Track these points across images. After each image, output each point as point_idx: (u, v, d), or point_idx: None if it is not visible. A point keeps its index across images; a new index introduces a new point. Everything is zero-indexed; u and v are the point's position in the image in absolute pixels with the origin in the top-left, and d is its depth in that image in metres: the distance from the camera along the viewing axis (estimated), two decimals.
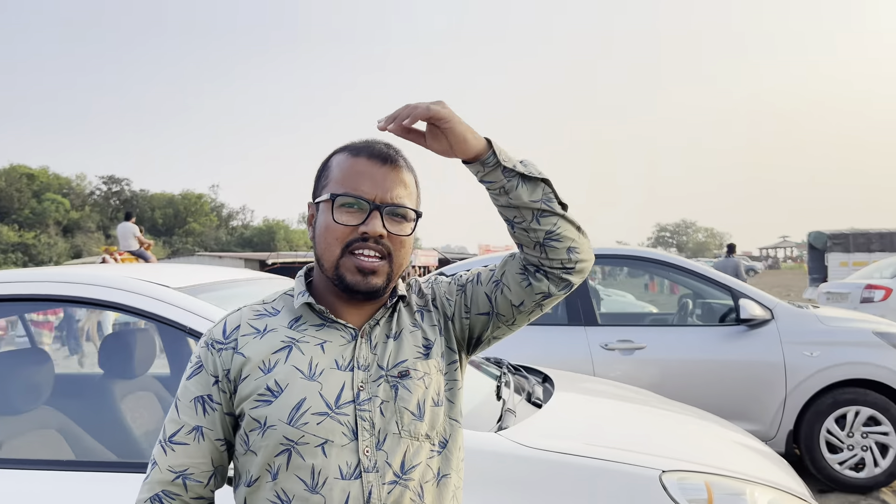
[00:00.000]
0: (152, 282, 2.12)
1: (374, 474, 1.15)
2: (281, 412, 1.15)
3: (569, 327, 4.70)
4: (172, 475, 1.20)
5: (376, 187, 1.21)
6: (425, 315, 1.31)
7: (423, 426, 1.21)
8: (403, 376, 1.22)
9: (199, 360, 1.24)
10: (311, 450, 1.14)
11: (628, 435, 2.14)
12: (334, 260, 1.21)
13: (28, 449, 2.25)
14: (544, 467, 1.83)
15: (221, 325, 1.26)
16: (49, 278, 2.14)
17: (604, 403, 2.63)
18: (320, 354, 1.20)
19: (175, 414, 1.23)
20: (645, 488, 1.80)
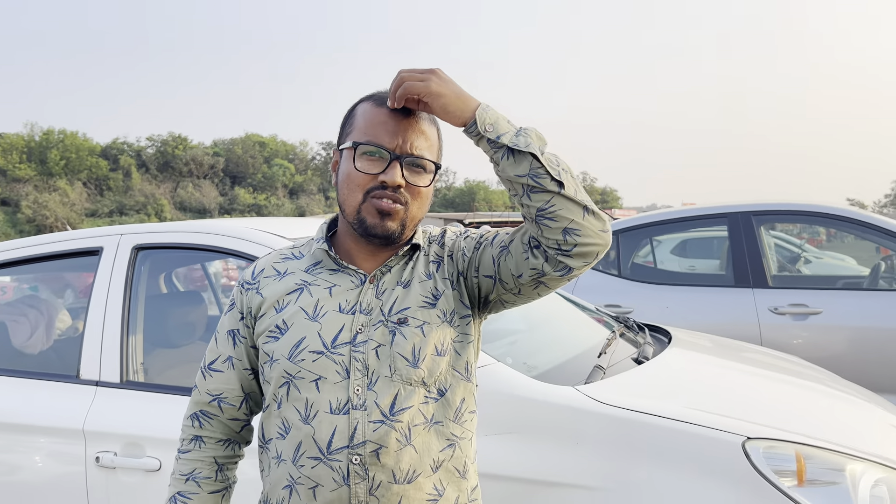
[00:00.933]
0: (270, 232, 2.31)
1: (362, 412, 1.20)
2: (284, 348, 1.24)
3: (734, 289, 4.36)
4: (209, 398, 1.36)
5: (397, 137, 1.24)
6: (440, 266, 1.32)
7: (419, 373, 1.23)
8: (401, 323, 1.25)
9: (232, 299, 1.37)
10: (306, 384, 1.22)
11: (731, 400, 1.97)
12: (356, 205, 1.25)
13: (184, 378, 2.58)
14: (615, 424, 1.76)
15: (253, 268, 1.37)
16: (185, 229, 2.42)
17: (721, 367, 2.44)
18: (327, 297, 1.27)
19: (214, 344, 1.38)
20: (724, 455, 1.67)
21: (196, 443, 1.36)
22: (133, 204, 66.23)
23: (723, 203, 4.79)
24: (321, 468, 1.20)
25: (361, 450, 1.19)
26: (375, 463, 1.19)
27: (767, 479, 1.64)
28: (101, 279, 2.42)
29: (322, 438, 1.20)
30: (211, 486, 1.35)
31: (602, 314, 3.00)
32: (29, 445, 2.31)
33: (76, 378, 2.33)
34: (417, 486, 1.22)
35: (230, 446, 1.39)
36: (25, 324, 2.99)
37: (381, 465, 1.19)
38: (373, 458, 1.19)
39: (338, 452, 1.19)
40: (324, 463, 1.20)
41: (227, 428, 1.38)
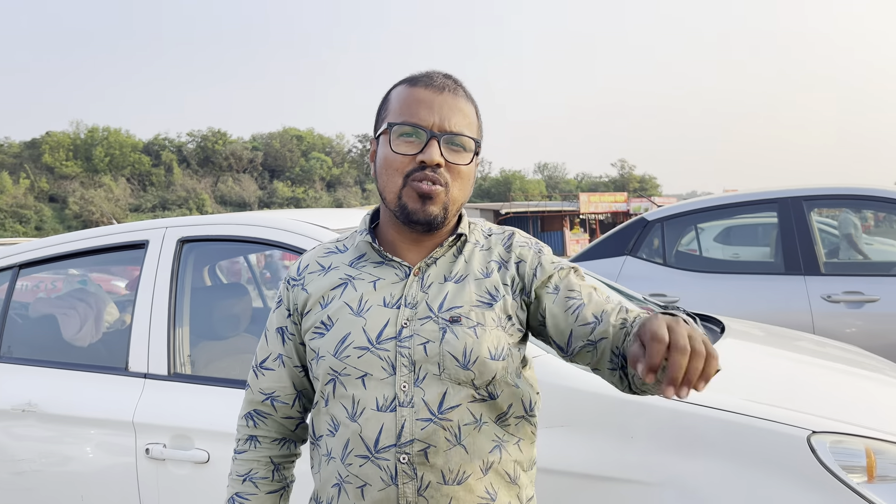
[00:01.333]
0: (313, 223, 2.30)
1: (409, 409, 1.15)
2: (329, 345, 1.21)
3: (785, 276, 4.22)
4: (262, 396, 1.33)
5: (433, 115, 1.19)
6: (504, 270, 1.26)
7: (468, 374, 1.17)
8: (454, 321, 1.19)
9: (280, 296, 1.34)
10: (352, 381, 1.18)
11: (792, 392, 1.89)
12: (396, 191, 1.21)
13: (229, 370, 2.59)
14: (671, 418, 1.70)
15: (297, 264, 1.34)
16: (229, 221, 2.42)
17: (777, 357, 2.35)
18: (371, 291, 1.23)
19: (265, 342, 1.35)
20: (788, 450, 1.59)
21: (251, 443, 1.34)
22: (175, 199, 67.50)
23: (770, 188, 4.65)
24: (369, 467, 1.16)
25: (409, 448, 1.15)
26: (424, 462, 1.15)
27: (835, 475, 1.56)
28: (148, 272, 2.44)
29: (369, 436, 1.16)
30: (268, 487, 1.33)
31: (650, 303, 2.92)
32: (81, 437, 2.34)
33: (125, 370, 2.35)
34: (468, 487, 1.17)
35: (286, 445, 1.36)
36: (75, 317, 3.03)
37: (430, 464, 1.15)
38: (421, 457, 1.15)
39: (385, 451, 1.15)
40: (371, 461, 1.16)
41: (282, 426, 1.35)
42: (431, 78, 1.24)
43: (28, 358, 2.69)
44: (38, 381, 2.50)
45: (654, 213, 4.92)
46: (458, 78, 1.29)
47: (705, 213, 4.82)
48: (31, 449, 2.41)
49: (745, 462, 1.63)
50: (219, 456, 2.09)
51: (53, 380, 2.49)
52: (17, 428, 2.45)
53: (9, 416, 2.46)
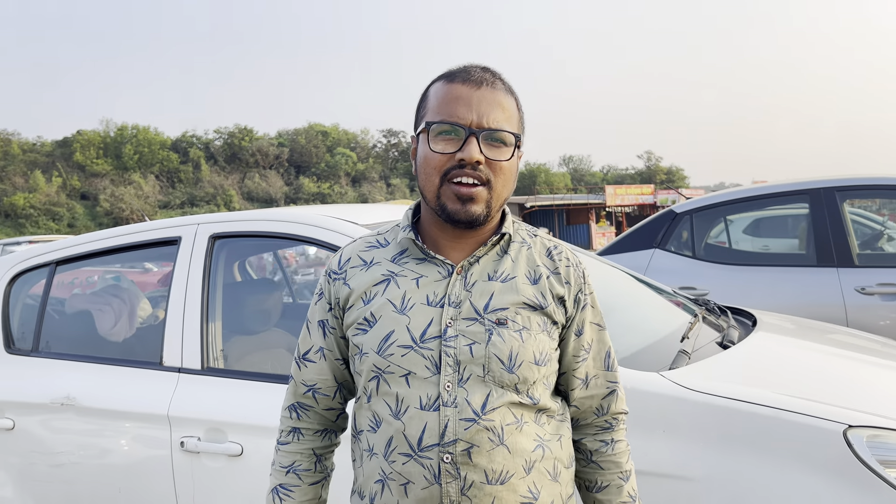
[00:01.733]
0: (343, 219, 2.31)
1: (452, 409, 1.15)
2: (373, 342, 1.21)
3: (817, 269, 4.16)
4: (305, 388, 1.34)
5: (472, 112, 1.18)
6: (552, 279, 1.27)
7: (512, 378, 1.18)
8: (500, 324, 1.19)
9: (321, 288, 1.34)
10: (395, 379, 1.18)
11: (826, 385, 1.86)
12: (435, 190, 1.20)
13: (261, 364, 2.62)
14: (704, 412, 1.69)
15: (338, 256, 1.33)
16: (260, 217, 2.45)
17: (812, 350, 2.32)
18: (414, 289, 1.22)
19: (306, 334, 1.36)
20: (824, 444, 1.57)
21: (294, 434, 1.35)
22: (203, 195, 68.27)
23: (801, 179, 4.57)
24: (412, 465, 1.16)
25: (453, 448, 1.15)
26: (467, 462, 1.15)
27: (872, 469, 1.54)
28: (181, 268, 2.47)
29: (412, 435, 1.16)
30: (311, 478, 1.35)
31: (679, 297, 2.90)
32: (118, 430, 2.39)
33: (160, 365, 2.40)
34: (511, 487, 1.17)
35: (327, 436, 1.38)
36: (110, 312, 3.09)
37: (474, 464, 1.15)
38: (464, 457, 1.15)
39: (429, 450, 1.16)
40: (415, 460, 1.16)
41: (324, 418, 1.36)
42: (469, 73, 1.22)
43: (66, 353, 2.75)
44: (76, 376, 2.55)
45: (683, 206, 4.87)
46: (497, 70, 1.27)
47: (735, 204, 4.76)
48: (70, 442, 2.47)
49: (781, 457, 1.62)
50: (252, 449, 2.12)
51: (90, 374, 2.54)
52: (56, 421, 2.50)
53: (48, 410, 2.51)
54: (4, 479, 2.61)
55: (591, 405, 1.31)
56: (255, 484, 2.11)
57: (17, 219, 57.02)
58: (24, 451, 2.56)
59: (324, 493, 1.39)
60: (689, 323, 2.34)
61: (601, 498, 1.30)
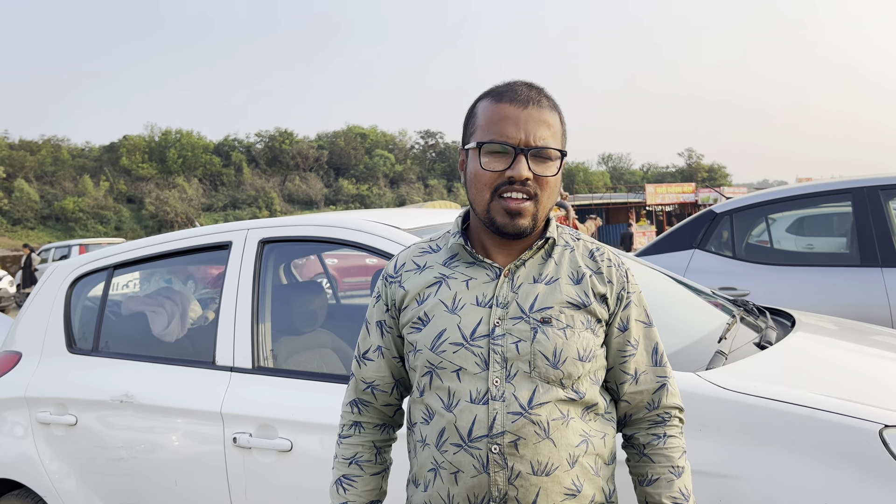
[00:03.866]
0: (386, 223, 2.39)
1: (500, 403, 1.24)
2: (426, 339, 1.31)
3: (861, 269, 4.11)
4: (364, 385, 1.46)
5: (520, 131, 1.26)
6: (595, 278, 1.35)
7: (557, 373, 1.26)
8: (545, 322, 1.27)
9: (378, 292, 1.46)
10: (447, 374, 1.28)
11: (863, 386, 1.86)
12: (485, 204, 1.30)
13: (308, 363, 2.72)
14: (740, 411, 1.72)
15: (394, 262, 1.45)
16: (307, 222, 2.54)
17: (851, 351, 2.31)
18: (464, 290, 1.32)
19: (366, 334, 1.47)
20: (859, 443, 1.59)
21: (356, 428, 1.46)
22: (245, 198, 69.36)
23: (846, 177, 4.52)
24: (462, 455, 1.25)
25: (500, 440, 1.22)
26: (514, 453, 1.22)
27: None
28: (232, 271, 2.59)
29: (463, 426, 1.25)
30: (372, 469, 1.44)
31: (718, 297, 2.92)
32: (174, 426, 2.51)
33: (212, 364, 2.51)
34: (555, 479, 1.24)
35: (386, 430, 1.48)
36: (163, 314, 3.22)
37: (520, 455, 1.22)
38: (511, 448, 1.22)
39: (478, 441, 1.23)
40: (465, 450, 1.24)
41: (382, 413, 1.47)
42: (516, 92, 1.30)
43: (124, 352, 2.89)
44: (134, 374, 2.68)
45: (723, 206, 4.85)
46: (541, 86, 1.35)
47: (775, 204, 4.72)
48: (129, 437, 2.60)
49: (818, 456, 1.64)
50: (301, 445, 2.21)
51: (147, 373, 2.67)
52: (115, 418, 2.64)
53: (108, 407, 2.65)
54: (68, 472, 2.75)
55: (643, 400, 1.37)
56: (303, 478, 2.20)
57: (67, 222, 58.74)
58: (85, 446, 2.70)
59: (384, 485, 1.48)
60: (727, 323, 2.37)
61: (651, 492, 1.34)
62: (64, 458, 2.76)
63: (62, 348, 2.95)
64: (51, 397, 2.81)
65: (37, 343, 3.02)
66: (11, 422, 2.92)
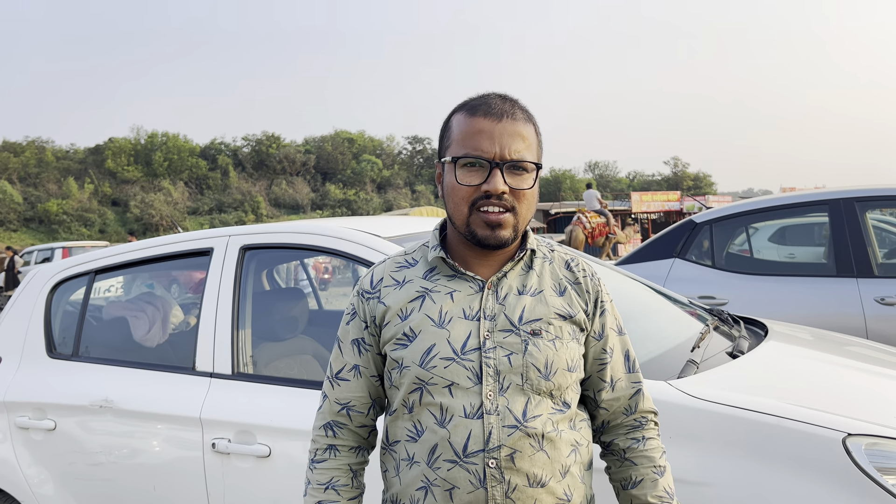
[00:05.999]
0: (366, 231, 2.42)
1: (496, 416, 1.23)
2: (414, 355, 1.28)
3: (836, 279, 4.18)
4: (339, 406, 1.39)
5: (494, 145, 1.26)
6: (574, 289, 1.36)
7: (549, 385, 1.26)
8: (535, 334, 1.27)
9: (353, 308, 1.40)
10: (439, 390, 1.26)
11: (832, 396, 1.91)
12: (464, 218, 1.29)
13: (288, 369, 2.73)
14: (709, 420, 1.75)
15: (370, 277, 1.41)
16: (288, 229, 2.56)
17: (821, 361, 2.36)
18: (450, 303, 1.30)
19: (339, 353, 1.41)
20: (824, 451, 1.63)
21: (331, 451, 1.39)
22: (231, 202, 69.09)
23: (823, 189, 4.59)
24: (457, 471, 1.23)
25: (497, 454, 1.22)
26: (511, 467, 1.22)
27: (870, 476, 1.60)
28: (213, 278, 2.60)
29: (458, 442, 1.23)
30: (349, 493, 1.38)
31: (695, 307, 2.96)
32: (153, 432, 2.52)
33: (192, 370, 2.52)
34: (550, 490, 1.24)
35: (360, 453, 1.43)
36: (144, 319, 3.23)
37: (517, 469, 1.22)
38: (508, 462, 1.22)
39: (474, 456, 1.22)
40: (460, 465, 1.23)
41: (357, 435, 1.42)
42: (490, 105, 1.30)
43: (104, 357, 2.89)
44: (114, 380, 2.69)
45: (703, 216, 4.91)
46: (514, 97, 1.35)
47: (754, 215, 4.79)
48: (108, 442, 2.60)
49: (783, 464, 1.68)
50: (279, 450, 2.23)
51: (127, 378, 2.67)
52: (94, 423, 2.64)
53: (88, 412, 2.65)
54: (46, 478, 2.75)
55: (619, 406, 1.39)
56: (281, 484, 2.22)
57: (51, 224, 58.22)
58: (64, 451, 2.70)
59: None
60: (701, 333, 2.41)
61: (636, 494, 1.35)
62: (42, 462, 2.76)
63: (42, 353, 2.95)
64: (30, 402, 2.81)
65: (16, 347, 3.02)
66: None
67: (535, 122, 1.35)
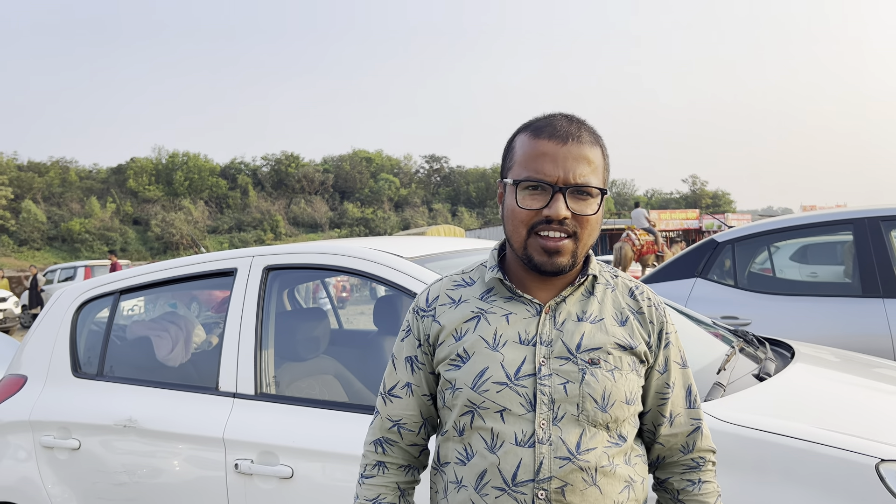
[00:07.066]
0: (389, 252, 2.43)
1: (548, 447, 1.19)
2: (467, 377, 1.24)
3: (862, 299, 4.12)
4: (390, 423, 1.37)
5: (558, 168, 1.22)
6: (637, 319, 1.31)
7: (605, 417, 1.21)
8: (593, 363, 1.22)
9: (408, 325, 1.38)
10: (490, 414, 1.22)
11: (863, 420, 1.88)
12: (522, 241, 1.25)
13: (310, 390, 2.73)
14: (737, 444, 1.73)
15: (425, 295, 1.38)
16: (311, 250, 2.58)
17: (850, 384, 2.32)
18: (505, 326, 1.26)
19: (392, 369, 1.39)
20: (856, 477, 1.61)
21: (380, 468, 1.38)
22: (250, 220, 69.67)
23: (847, 208, 4.55)
24: (505, 499, 1.19)
25: (547, 485, 1.18)
26: (561, 500, 1.18)
27: None
28: (236, 298, 2.62)
29: (507, 469, 1.19)
30: None
31: (719, 328, 2.93)
32: (176, 452, 2.53)
33: (215, 390, 2.53)
34: None
35: (410, 471, 1.41)
36: (167, 339, 3.25)
37: (567, 502, 1.18)
38: (558, 494, 1.18)
39: (523, 485, 1.19)
40: (508, 494, 1.19)
41: (408, 453, 1.39)
42: (555, 128, 1.25)
43: (128, 377, 2.91)
44: (138, 399, 2.70)
45: (725, 235, 4.88)
46: (581, 119, 1.30)
47: (776, 234, 4.75)
48: (131, 462, 2.61)
49: (815, 490, 1.65)
50: (302, 472, 2.23)
51: (151, 398, 2.69)
52: (118, 442, 2.65)
53: (112, 431, 2.67)
54: (69, 496, 2.76)
55: (677, 443, 1.34)
56: None
57: (73, 243, 59.00)
58: (88, 471, 2.72)
59: None
60: (726, 355, 2.38)
61: None
62: (66, 482, 2.77)
63: (67, 372, 2.97)
64: (55, 421, 2.83)
65: (42, 367, 3.05)
66: (15, 445, 2.94)
67: (603, 144, 1.31)
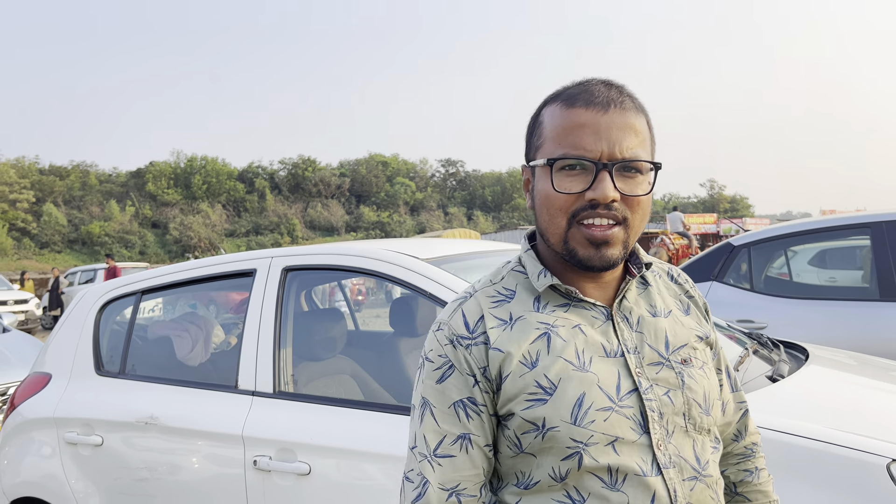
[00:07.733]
0: (405, 253, 2.47)
1: (674, 470, 1.01)
2: (562, 411, 1.00)
3: (880, 303, 4.11)
4: (445, 493, 1.04)
5: (601, 141, 0.99)
6: (693, 304, 1.18)
7: (709, 420, 1.07)
8: (686, 363, 1.07)
9: (446, 361, 1.06)
10: (601, 449, 0.99)
11: (875, 421, 1.89)
12: (561, 233, 1.03)
13: (327, 388, 2.78)
14: None
15: (460, 319, 1.08)
16: (328, 251, 2.62)
17: (864, 386, 2.33)
18: (583, 340, 1.04)
19: (433, 422, 1.06)
20: (867, 477, 1.62)
21: None
22: (267, 224, 70.18)
23: (865, 212, 4.53)
24: None
25: None
26: None
27: None
28: (255, 298, 2.67)
29: None
30: None
31: (734, 331, 2.94)
32: (196, 448, 2.57)
33: (235, 388, 2.58)
34: None
35: None
36: (187, 338, 3.31)
37: None
38: None
39: None
40: None
41: None
42: (592, 93, 1.03)
43: (149, 375, 2.97)
44: (159, 397, 2.76)
45: (741, 238, 4.88)
46: (621, 83, 1.08)
47: (793, 237, 4.74)
48: (152, 458, 2.66)
49: (826, 489, 1.66)
50: (319, 469, 2.27)
51: (171, 396, 2.74)
52: (140, 439, 2.71)
53: (133, 428, 2.72)
54: (92, 492, 2.82)
55: (731, 431, 1.23)
56: (320, 501, 2.25)
57: (93, 246, 59.71)
58: (110, 466, 2.78)
59: None
60: (740, 356, 2.40)
61: None
62: (89, 477, 2.83)
63: (91, 370, 3.04)
64: (78, 418, 2.89)
65: (66, 365, 3.12)
66: (39, 441, 3.00)
67: (647, 112, 1.08)
